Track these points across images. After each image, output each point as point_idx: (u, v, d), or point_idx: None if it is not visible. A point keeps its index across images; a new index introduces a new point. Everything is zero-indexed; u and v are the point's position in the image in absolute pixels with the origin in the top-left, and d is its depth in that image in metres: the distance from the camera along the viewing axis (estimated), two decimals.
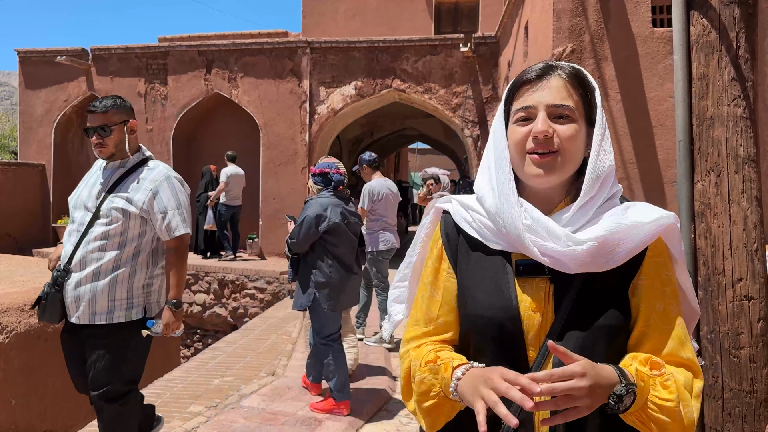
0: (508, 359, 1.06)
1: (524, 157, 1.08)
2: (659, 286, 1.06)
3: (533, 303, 1.07)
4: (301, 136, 10.56)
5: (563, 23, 5.79)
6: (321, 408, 3.89)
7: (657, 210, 1.08)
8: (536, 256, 1.05)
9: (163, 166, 2.84)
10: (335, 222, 3.71)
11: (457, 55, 10.17)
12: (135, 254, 2.65)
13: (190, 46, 11.01)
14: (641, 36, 5.75)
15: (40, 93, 11.66)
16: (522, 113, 1.08)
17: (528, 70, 1.10)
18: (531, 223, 1.06)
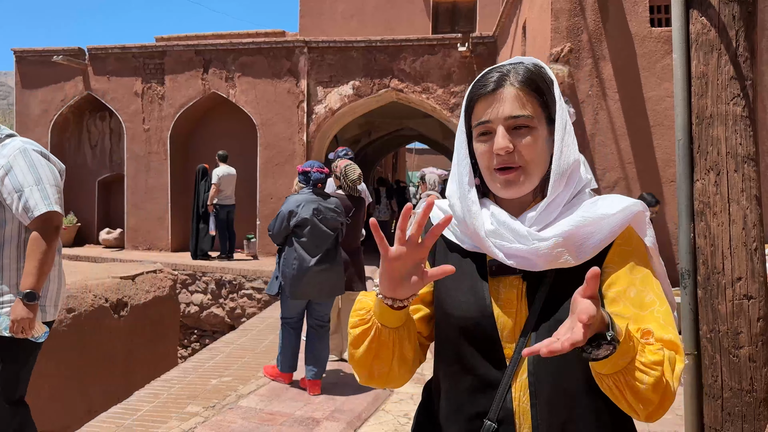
0: (486, 358, 1.08)
1: (490, 171, 1.09)
2: (629, 273, 1.06)
3: (506, 302, 1.08)
4: (299, 136, 10.55)
5: (561, 23, 5.79)
6: (269, 373, 4.51)
7: (625, 200, 1.08)
8: (501, 258, 1.07)
9: (19, 140, 2.44)
10: (304, 217, 4.14)
11: (455, 55, 10.17)
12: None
13: (188, 45, 10.99)
14: (639, 35, 5.76)
15: (37, 93, 11.62)
16: (482, 128, 1.09)
17: (481, 82, 1.10)
18: (495, 228, 1.07)
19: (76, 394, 5.59)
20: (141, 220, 11.18)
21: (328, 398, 4.18)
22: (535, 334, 1.04)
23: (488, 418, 1.06)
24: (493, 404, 1.05)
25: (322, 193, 4.34)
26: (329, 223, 4.27)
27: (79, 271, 6.89)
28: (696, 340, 2.10)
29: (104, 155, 12.06)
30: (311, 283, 4.21)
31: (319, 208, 4.23)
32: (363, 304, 1.11)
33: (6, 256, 2.33)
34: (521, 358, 1.05)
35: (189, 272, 9.33)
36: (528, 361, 1.04)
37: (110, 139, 12.01)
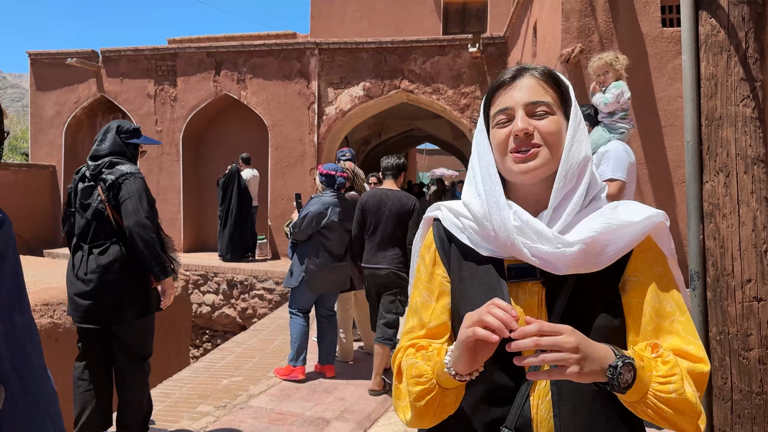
0: (503, 366, 1.06)
1: (506, 155, 1.10)
2: (649, 282, 1.06)
3: (526, 307, 1.08)
4: (310, 138, 10.59)
5: (572, 23, 5.77)
6: (281, 373, 4.57)
7: (646, 209, 1.09)
8: (527, 257, 1.06)
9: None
10: (333, 220, 4.40)
11: (465, 56, 10.16)
12: None
13: (199, 47, 11.07)
14: (650, 36, 5.72)
15: (51, 95, 11.76)
16: (501, 116, 1.10)
17: (501, 74, 1.13)
18: (520, 225, 1.07)
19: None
20: None
21: (337, 399, 4.20)
22: None
23: (506, 426, 1.05)
24: (511, 412, 1.05)
25: (343, 197, 4.63)
26: (348, 226, 4.54)
27: None
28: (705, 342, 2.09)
29: None
30: (328, 278, 4.52)
31: (343, 212, 4.53)
32: (420, 370, 1.08)
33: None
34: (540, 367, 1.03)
35: (201, 273, 9.39)
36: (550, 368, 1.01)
37: None
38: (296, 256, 4.60)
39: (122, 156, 3.16)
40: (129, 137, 3.22)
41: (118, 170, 3.03)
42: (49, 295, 5.25)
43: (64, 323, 5.14)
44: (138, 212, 2.95)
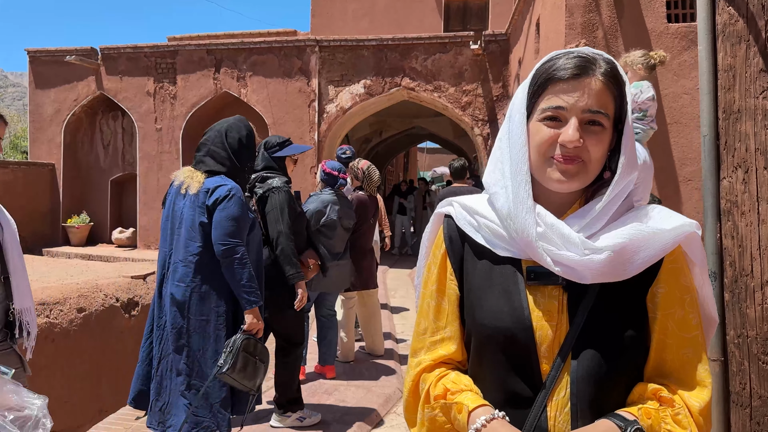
0: (519, 373, 1.00)
1: (545, 158, 0.99)
2: (678, 294, 0.99)
3: (546, 313, 0.99)
4: (310, 136, 10.51)
5: (576, 19, 5.69)
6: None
7: (678, 217, 1.01)
8: (548, 265, 0.97)
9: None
10: (332, 218, 4.24)
11: (467, 53, 10.08)
12: None
13: (199, 45, 10.99)
14: (656, 32, 5.64)
15: (50, 92, 11.68)
16: (550, 113, 0.98)
17: (561, 63, 0.98)
18: (544, 230, 0.98)
19: (88, 394, 5.57)
20: (153, 220, 11.20)
21: (338, 400, 4.12)
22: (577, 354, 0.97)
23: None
24: (527, 423, 0.98)
25: (343, 196, 4.53)
26: (346, 224, 4.45)
27: (90, 271, 6.89)
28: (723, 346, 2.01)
29: (116, 155, 12.10)
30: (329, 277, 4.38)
31: (342, 210, 4.43)
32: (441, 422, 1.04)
33: None
34: (558, 376, 0.97)
35: None
36: (571, 380, 0.96)
37: (122, 138, 12.05)
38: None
39: (272, 170, 3.48)
40: (275, 151, 3.51)
41: (267, 184, 3.38)
42: (46, 294, 5.16)
43: (61, 323, 5.06)
44: (278, 223, 3.29)
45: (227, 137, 2.68)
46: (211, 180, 2.57)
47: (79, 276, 6.57)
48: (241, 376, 2.47)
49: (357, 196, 4.88)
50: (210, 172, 2.61)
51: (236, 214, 2.53)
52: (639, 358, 0.99)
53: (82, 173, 12.11)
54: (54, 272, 6.89)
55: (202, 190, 2.54)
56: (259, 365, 2.56)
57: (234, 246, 2.50)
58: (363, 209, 4.88)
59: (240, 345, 2.46)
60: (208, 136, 2.72)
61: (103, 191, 12.01)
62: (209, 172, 2.61)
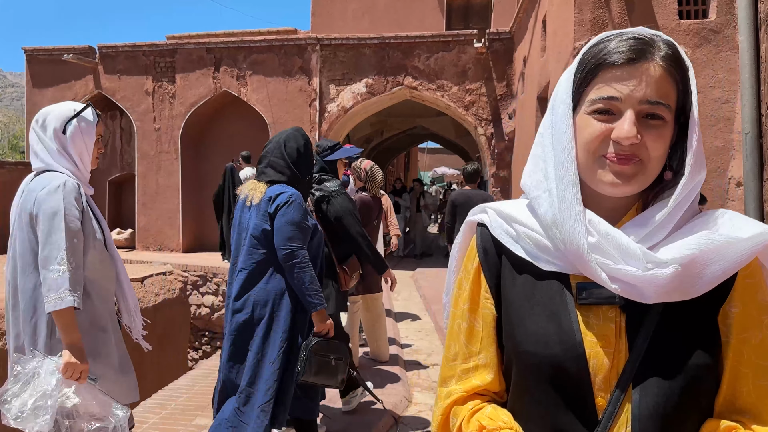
0: (570, 408, 0.85)
1: (595, 157, 0.85)
2: (755, 314, 0.84)
3: (601, 338, 0.84)
4: (311, 135, 10.36)
5: (585, 15, 5.55)
6: None
7: (754, 223, 0.86)
8: (604, 282, 0.83)
9: None
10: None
11: (470, 52, 9.93)
12: None
13: (198, 43, 10.84)
14: (667, 28, 5.49)
15: (47, 92, 11.52)
16: (601, 104, 0.83)
17: (614, 46, 0.83)
18: (597, 241, 0.83)
19: None
20: (152, 220, 11.06)
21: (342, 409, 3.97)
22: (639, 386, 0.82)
23: None
24: None
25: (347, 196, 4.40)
26: None
27: None
28: None
29: (115, 155, 11.96)
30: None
31: None
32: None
33: None
34: (617, 412, 0.82)
35: (200, 273, 9.17)
36: (632, 416, 0.82)
37: (121, 138, 11.90)
38: None
39: (327, 173, 3.73)
40: (327, 155, 3.73)
41: (324, 187, 3.59)
42: None
43: None
44: (354, 226, 3.55)
45: (286, 147, 2.77)
46: (272, 188, 2.66)
47: None
48: (319, 377, 2.56)
49: (360, 197, 4.74)
50: (271, 182, 2.71)
51: (296, 219, 2.59)
52: (710, 390, 0.85)
53: None
54: None
55: (264, 199, 2.63)
56: (337, 363, 2.64)
57: (294, 250, 2.56)
58: (367, 211, 4.73)
59: (311, 348, 2.54)
60: (267, 148, 2.80)
61: (101, 192, 11.85)
62: (270, 182, 2.71)
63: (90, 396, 1.97)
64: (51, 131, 2.11)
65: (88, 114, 2.18)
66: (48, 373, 1.92)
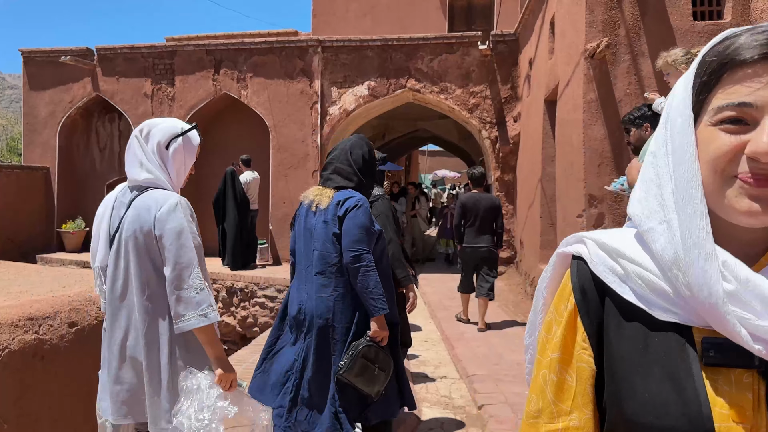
0: None
1: (724, 179, 0.67)
2: None
3: (735, 410, 0.66)
4: (312, 138, 10.21)
5: (596, 16, 5.39)
6: None
7: None
8: (744, 341, 0.65)
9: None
10: None
11: (474, 54, 9.78)
12: None
13: (198, 45, 10.68)
14: (681, 30, 5.34)
15: (45, 94, 11.37)
16: (731, 112, 0.66)
17: (745, 41, 0.67)
18: (735, 288, 0.65)
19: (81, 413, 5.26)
20: None
21: None
22: None
23: None
24: None
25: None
26: None
27: (84, 281, 6.56)
28: None
29: (113, 158, 11.79)
30: None
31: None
32: None
33: None
34: None
35: None
36: None
37: (119, 141, 11.73)
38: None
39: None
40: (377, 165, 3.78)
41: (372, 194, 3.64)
42: (35, 308, 4.85)
43: (51, 339, 4.74)
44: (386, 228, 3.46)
45: (352, 154, 2.80)
46: (340, 193, 2.70)
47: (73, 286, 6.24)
48: (358, 380, 2.54)
49: None
50: (338, 188, 2.74)
51: (364, 222, 2.62)
52: None
53: (77, 177, 11.79)
54: (45, 282, 6.57)
55: (333, 203, 2.66)
56: (378, 373, 2.60)
57: (361, 253, 2.57)
58: None
59: (360, 350, 2.53)
60: (333, 155, 2.83)
61: (98, 195, 11.66)
62: (338, 187, 2.74)
63: (242, 402, 2.05)
64: (154, 144, 2.11)
65: (194, 135, 2.22)
66: (208, 387, 1.97)
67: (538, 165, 7.60)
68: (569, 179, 5.82)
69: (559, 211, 6.30)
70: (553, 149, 7.15)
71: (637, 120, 3.24)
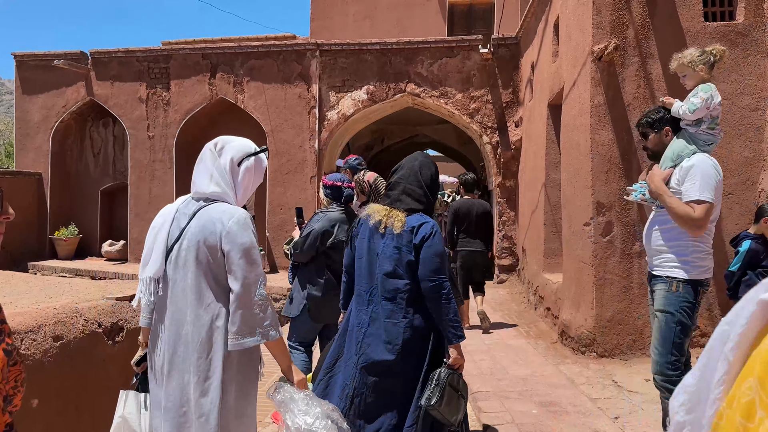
0: None
1: None
2: None
3: None
4: (310, 143, 10.01)
5: (604, 17, 5.20)
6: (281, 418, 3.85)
7: None
8: None
9: None
10: (340, 239, 3.81)
11: (474, 58, 9.60)
12: None
13: (194, 49, 10.49)
14: (692, 31, 5.15)
15: (38, 99, 11.17)
16: None
17: None
18: None
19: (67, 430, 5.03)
20: (144, 232, 10.62)
21: None
22: None
23: None
24: None
25: (352, 213, 4.00)
26: None
27: (73, 291, 6.33)
28: None
29: (107, 163, 11.58)
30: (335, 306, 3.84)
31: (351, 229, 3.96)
32: None
33: None
34: None
35: None
36: None
37: (114, 146, 11.53)
38: (297, 280, 3.97)
39: None
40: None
41: None
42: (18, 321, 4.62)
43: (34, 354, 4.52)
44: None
45: (421, 175, 2.73)
46: (412, 218, 2.62)
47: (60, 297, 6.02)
48: (446, 410, 2.48)
49: None
50: (409, 210, 2.66)
51: (441, 250, 2.57)
52: None
53: (70, 183, 11.58)
54: (32, 292, 6.34)
55: (406, 229, 2.59)
56: (460, 400, 2.57)
57: (441, 282, 2.53)
58: None
59: (446, 379, 2.49)
60: (401, 174, 2.74)
61: (92, 202, 11.47)
62: (409, 210, 2.66)
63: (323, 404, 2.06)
64: (227, 159, 2.11)
65: (263, 157, 2.23)
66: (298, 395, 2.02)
67: (541, 171, 7.40)
68: (575, 186, 5.62)
69: (564, 218, 6.09)
70: (557, 155, 6.94)
71: (657, 123, 3.01)
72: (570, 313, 5.56)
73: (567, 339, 5.54)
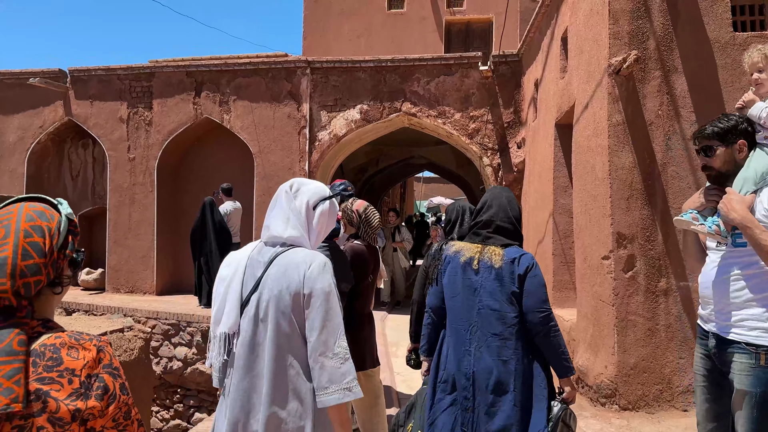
0: None
1: None
2: None
3: None
4: (300, 165, 9.42)
5: (622, 27, 4.67)
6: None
7: None
8: None
9: None
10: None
11: (474, 76, 9.08)
12: None
13: (178, 67, 9.95)
14: (719, 42, 4.62)
15: (13, 119, 10.59)
16: None
17: None
18: None
19: None
20: (123, 260, 10.01)
21: None
22: None
23: None
24: None
25: (337, 249, 3.43)
26: (344, 288, 3.32)
27: None
28: None
29: (86, 186, 10.96)
30: None
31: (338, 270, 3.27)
32: None
33: None
34: None
35: (172, 321, 8.11)
36: None
37: (93, 168, 10.92)
38: None
39: None
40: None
41: None
42: None
43: None
44: None
45: (510, 210, 2.78)
46: (510, 250, 2.66)
47: None
48: None
49: (352, 247, 3.73)
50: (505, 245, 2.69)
51: (543, 281, 2.60)
52: None
53: None
54: None
55: (507, 262, 2.61)
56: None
57: (549, 313, 2.55)
58: (361, 263, 3.72)
59: (560, 414, 2.48)
60: (492, 212, 2.77)
61: None
62: (505, 245, 2.69)
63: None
64: (303, 202, 2.08)
65: (336, 202, 2.22)
66: None
67: (548, 196, 6.81)
68: (591, 214, 5.03)
69: (578, 250, 5.48)
70: (567, 179, 6.37)
71: (728, 134, 2.31)
72: (587, 358, 4.93)
73: (584, 387, 4.90)
